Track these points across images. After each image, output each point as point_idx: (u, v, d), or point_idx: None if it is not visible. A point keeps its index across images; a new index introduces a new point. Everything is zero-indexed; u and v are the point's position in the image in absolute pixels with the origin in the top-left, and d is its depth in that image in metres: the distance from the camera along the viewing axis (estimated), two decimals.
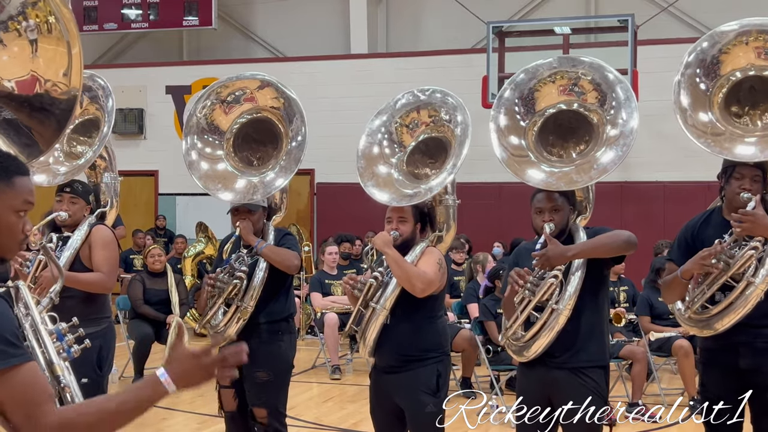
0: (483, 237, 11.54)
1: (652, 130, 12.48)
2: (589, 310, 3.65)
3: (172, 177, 14.34)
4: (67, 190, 4.45)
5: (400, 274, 3.85)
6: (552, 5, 14.00)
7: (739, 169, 3.68)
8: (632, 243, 3.61)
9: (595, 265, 3.66)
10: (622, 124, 3.85)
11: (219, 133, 4.70)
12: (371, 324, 3.92)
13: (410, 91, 4.39)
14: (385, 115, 4.37)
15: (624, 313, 7.69)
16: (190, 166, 4.66)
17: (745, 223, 3.53)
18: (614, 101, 3.89)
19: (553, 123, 4.01)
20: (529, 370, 3.76)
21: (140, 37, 16.06)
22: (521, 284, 3.63)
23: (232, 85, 4.72)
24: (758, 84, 3.81)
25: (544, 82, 4.01)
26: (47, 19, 2.47)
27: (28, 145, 2.54)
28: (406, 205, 4.05)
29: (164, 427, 6.55)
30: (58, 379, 2.12)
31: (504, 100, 4.03)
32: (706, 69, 3.82)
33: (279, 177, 4.53)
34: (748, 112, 3.84)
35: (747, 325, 3.56)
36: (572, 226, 3.79)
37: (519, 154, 3.98)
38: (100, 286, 4.36)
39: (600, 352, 3.69)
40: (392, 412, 4.00)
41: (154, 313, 8.00)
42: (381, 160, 4.31)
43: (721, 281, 3.58)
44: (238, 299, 4.36)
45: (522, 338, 3.69)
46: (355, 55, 14.44)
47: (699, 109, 3.83)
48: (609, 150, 3.85)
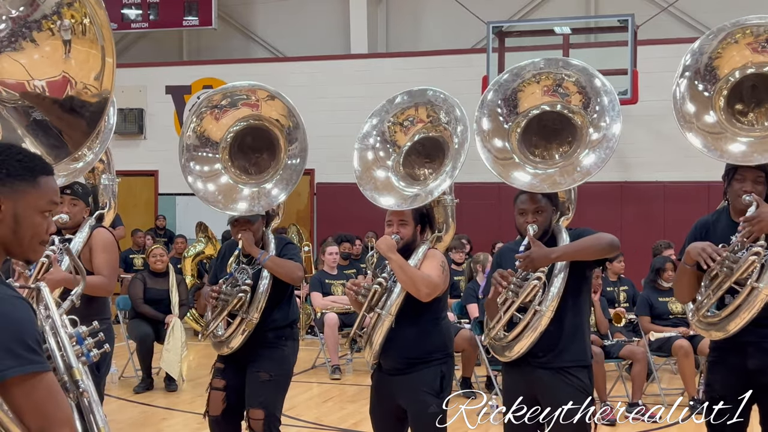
0: (483, 237, 11.53)
1: (652, 130, 12.48)
2: (571, 311, 3.67)
3: (172, 177, 14.32)
4: (67, 192, 4.45)
5: (405, 280, 3.85)
6: (552, 5, 13.99)
7: (740, 171, 3.68)
8: (615, 246, 3.63)
9: (578, 267, 3.68)
10: (605, 128, 3.84)
11: (212, 144, 4.62)
12: (377, 329, 3.92)
13: (406, 90, 4.35)
14: (376, 117, 4.34)
15: (624, 313, 7.70)
16: (191, 186, 4.62)
17: (754, 227, 3.53)
18: (598, 106, 3.88)
19: (537, 124, 4.00)
20: (512, 370, 3.79)
21: (140, 37, 16.06)
22: (504, 285, 3.65)
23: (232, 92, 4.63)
24: (759, 82, 3.80)
25: (528, 82, 3.99)
26: (82, 20, 2.46)
27: (56, 147, 2.52)
28: (407, 209, 4.05)
29: (164, 427, 6.55)
30: (77, 383, 2.10)
31: (487, 102, 4.02)
32: (703, 76, 3.81)
33: (279, 189, 4.52)
34: (753, 110, 3.83)
35: (756, 325, 3.55)
36: (555, 227, 3.81)
37: (504, 157, 3.97)
38: (101, 288, 4.36)
39: (582, 351, 3.72)
40: (393, 412, 4.00)
41: (153, 313, 8.00)
42: (377, 165, 4.29)
43: (725, 286, 3.56)
44: (243, 311, 4.35)
45: (504, 339, 3.70)
46: (355, 55, 14.43)
47: (703, 112, 3.82)
48: (592, 152, 3.84)
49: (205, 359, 9.34)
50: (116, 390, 7.65)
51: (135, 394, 7.52)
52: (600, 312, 7.38)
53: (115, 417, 6.41)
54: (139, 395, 7.51)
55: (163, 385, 7.73)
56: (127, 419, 6.67)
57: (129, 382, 7.88)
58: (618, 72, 11.20)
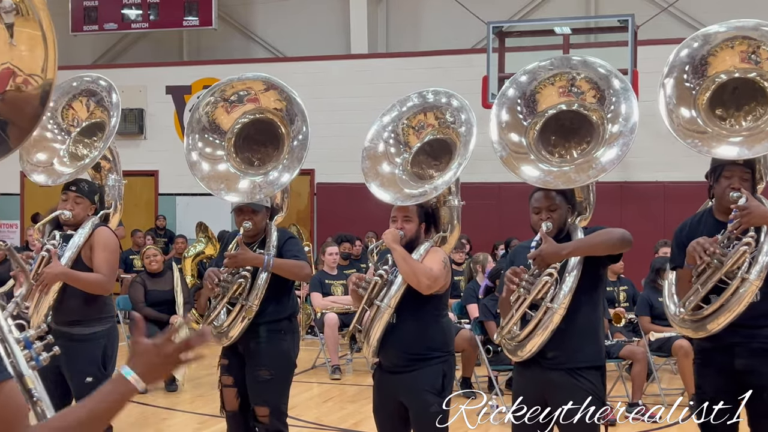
0: (483, 237, 11.54)
1: (652, 130, 12.42)
2: (584, 309, 3.64)
3: (172, 177, 14.34)
4: (72, 189, 4.46)
5: (407, 270, 3.85)
6: (552, 5, 14.00)
7: (728, 168, 3.68)
8: (627, 240, 3.59)
9: (592, 265, 3.65)
10: (624, 118, 3.85)
11: (220, 132, 4.68)
12: (375, 323, 3.91)
13: (420, 91, 4.39)
14: (395, 112, 4.36)
15: (624, 312, 7.70)
16: (192, 166, 4.65)
17: (743, 217, 3.52)
18: (613, 96, 3.89)
19: (555, 123, 4.01)
20: (524, 370, 3.76)
21: (140, 37, 16.06)
22: (516, 282, 3.63)
23: (237, 85, 4.69)
24: (741, 85, 3.82)
25: (545, 84, 4.02)
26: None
27: None
28: (411, 204, 4.05)
29: (164, 427, 6.55)
30: (30, 392, 2.00)
31: (507, 98, 4.04)
32: (695, 68, 3.83)
33: (283, 174, 4.52)
34: (732, 114, 3.85)
35: (742, 326, 3.55)
36: (571, 226, 3.79)
37: (517, 151, 3.98)
38: (98, 287, 4.37)
39: (596, 352, 3.69)
40: (396, 411, 4.00)
41: (156, 315, 7.99)
42: (386, 159, 4.31)
43: (715, 279, 3.55)
44: (242, 298, 4.36)
45: (517, 337, 3.68)
46: (355, 55, 14.43)
47: (682, 104, 3.84)
48: (609, 149, 3.85)
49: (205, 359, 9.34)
50: None
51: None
52: None
53: (116, 416, 6.40)
54: (139, 395, 7.50)
55: (163, 385, 7.73)
56: (127, 419, 6.67)
57: None
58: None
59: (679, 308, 3.71)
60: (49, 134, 4.81)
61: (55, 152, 4.77)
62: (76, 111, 4.83)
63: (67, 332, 4.34)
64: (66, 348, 4.38)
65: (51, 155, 4.77)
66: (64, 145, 4.80)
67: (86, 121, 4.81)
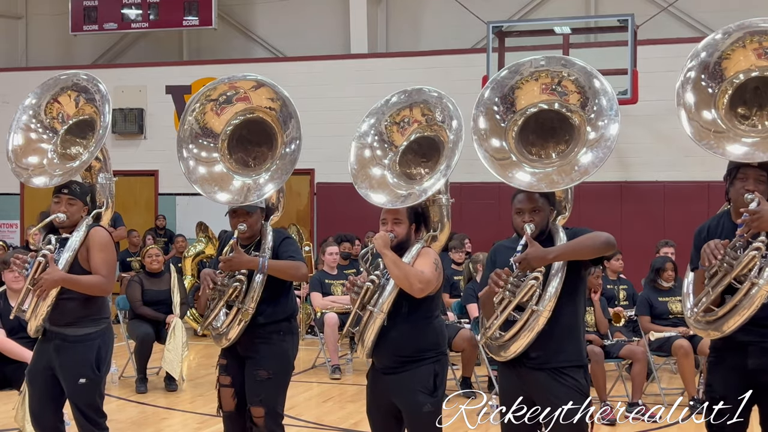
0: (483, 237, 11.51)
1: (652, 130, 12.48)
2: (567, 311, 3.65)
3: (172, 177, 14.34)
4: (64, 192, 4.42)
5: (399, 274, 3.85)
6: (552, 5, 14.00)
7: (743, 170, 3.67)
8: (611, 244, 3.61)
9: (574, 267, 3.66)
10: (602, 127, 3.80)
11: (213, 135, 4.61)
12: (369, 327, 3.92)
13: (401, 90, 4.33)
14: (374, 117, 4.32)
15: (623, 312, 7.69)
16: (188, 172, 4.59)
17: (753, 222, 3.51)
18: (596, 106, 3.83)
19: (535, 122, 3.96)
20: (508, 370, 3.77)
21: (140, 37, 16.06)
22: (501, 285, 3.62)
23: (222, 87, 4.61)
24: (762, 85, 3.80)
25: (527, 80, 3.95)
26: None
27: None
28: (400, 207, 4.05)
29: (164, 427, 6.55)
30: None
31: (484, 101, 3.97)
32: (710, 74, 3.80)
33: (271, 181, 4.46)
34: (755, 114, 3.82)
35: (756, 325, 3.55)
36: (552, 226, 3.79)
37: (501, 157, 3.94)
38: (99, 288, 4.35)
39: (577, 351, 3.71)
40: (389, 412, 4.00)
41: (153, 314, 7.98)
42: (374, 163, 4.27)
43: (725, 282, 3.55)
44: (239, 301, 4.35)
45: (501, 338, 3.69)
46: (355, 55, 14.44)
47: (703, 108, 3.81)
48: (589, 152, 3.80)
49: (205, 359, 9.35)
50: (116, 390, 7.65)
51: (136, 394, 7.52)
52: (600, 312, 7.38)
53: (115, 417, 6.41)
54: (139, 395, 7.51)
55: (163, 385, 7.73)
56: (127, 419, 6.68)
57: (129, 382, 7.88)
58: (618, 72, 11.20)
59: (692, 309, 3.72)
60: (34, 135, 4.71)
61: (44, 153, 4.69)
62: (62, 105, 4.73)
63: (61, 333, 4.32)
64: (59, 349, 4.39)
65: (41, 157, 4.69)
66: (51, 144, 4.71)
67: (74, 118, 4.73)
